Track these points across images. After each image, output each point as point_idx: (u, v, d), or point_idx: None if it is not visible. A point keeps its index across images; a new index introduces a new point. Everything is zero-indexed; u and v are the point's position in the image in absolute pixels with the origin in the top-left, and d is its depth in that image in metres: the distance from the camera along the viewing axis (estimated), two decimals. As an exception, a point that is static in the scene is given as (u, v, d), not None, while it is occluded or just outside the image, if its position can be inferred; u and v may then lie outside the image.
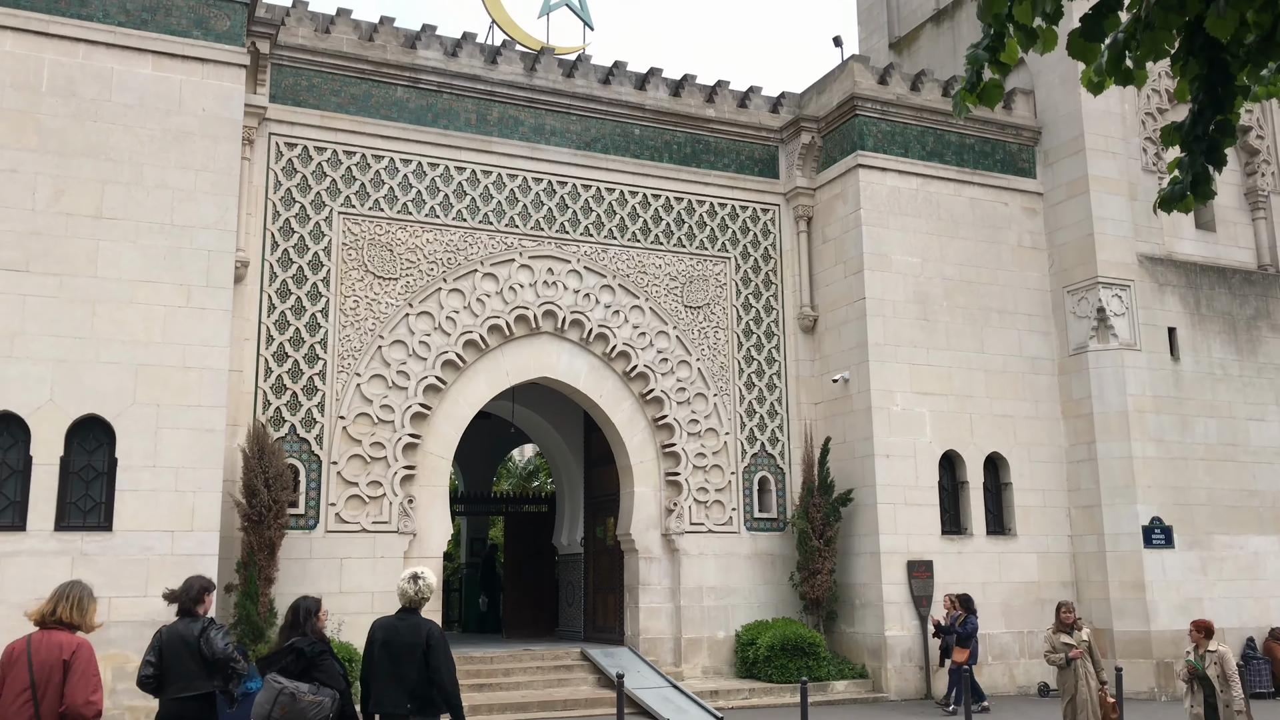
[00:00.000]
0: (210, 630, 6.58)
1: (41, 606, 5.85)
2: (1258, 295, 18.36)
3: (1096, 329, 17.13)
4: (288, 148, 14.97)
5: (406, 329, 15.15)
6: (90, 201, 12.57)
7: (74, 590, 5.93)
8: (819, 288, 17.73)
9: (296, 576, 13.84)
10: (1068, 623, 10.37)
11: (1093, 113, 17.73)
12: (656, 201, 17.15)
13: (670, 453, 16.54)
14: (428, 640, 6.49)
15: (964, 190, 17.77)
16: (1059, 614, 10.52)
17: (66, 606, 5.81)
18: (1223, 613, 16.61)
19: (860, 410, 16.50)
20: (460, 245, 15.70)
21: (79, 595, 5.91)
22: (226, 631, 6.80)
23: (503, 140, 16.22)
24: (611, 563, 17.71)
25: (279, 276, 14.59)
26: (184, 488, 12.40)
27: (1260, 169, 19.00)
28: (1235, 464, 17.44)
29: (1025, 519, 17.04)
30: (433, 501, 15.08)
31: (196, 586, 6.88)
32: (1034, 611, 16.76)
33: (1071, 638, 10.20)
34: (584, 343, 16.33)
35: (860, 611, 16.26)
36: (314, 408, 14.47)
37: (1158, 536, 16.47)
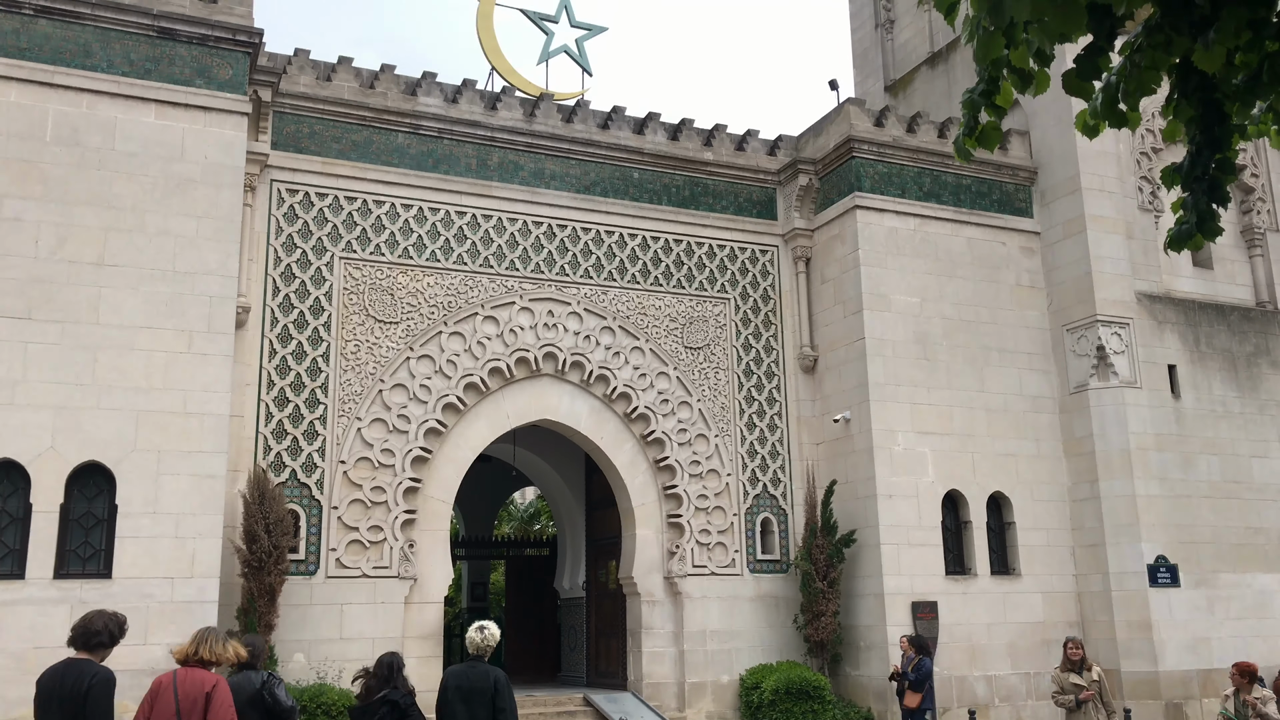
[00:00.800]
0: (272, 683, 7.33)
1: (185, 647, 6.65)
2: (1257, 332, 18.40)
3: (1097, 367, 17.15)
4: (289, 194, 15.08)
5: (407, 372, 15.17)
6: (93, 249, 12.64)
7: (210, 633, 6.76)
8: (819, 328, 17.77)
9: (297, 623, 13.75)
10: (1076, 660, 9.86)
11: (1088, 152, 17.88)
12: (656, 244, 17.24)
13: (672, 494, 16.49)
14: (495, 684, 7.52)
15: (961, 230, 17.88)
16: (1066, 651, 9.97)
17: (206, 647, 6.58)
18: (1230, 652, 16.43)
19: (862, 450, 16.47)
20: (461, 289, 15.76)
21: (215, 637, 6.72)
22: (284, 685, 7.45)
23: (503, 185, 16.35)
24: (614, 606, 17.58)
25: (280, 321, 14.63)
26: (184, 534, 12.34)
27: (1255, 207, 19.13)
28: (1239, 501, 17.37)
29: (1029, 558, 16.94)
30: (434, 546, 15.00)
31: (260, 644, 7.79)
32: (1040, 652, 16.61)
33: (1081, 677, 9.68)
34: (585, 384, 16.34)
35: (865, 654, 16.12)
36: (315, 452, 14.45)
37: (1163, 575, 16.37)
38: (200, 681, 6.37)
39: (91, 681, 6.16)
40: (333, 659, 13.77)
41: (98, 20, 13.21)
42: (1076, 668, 9.81)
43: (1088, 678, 9.71)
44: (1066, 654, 9.95)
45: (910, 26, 22.45)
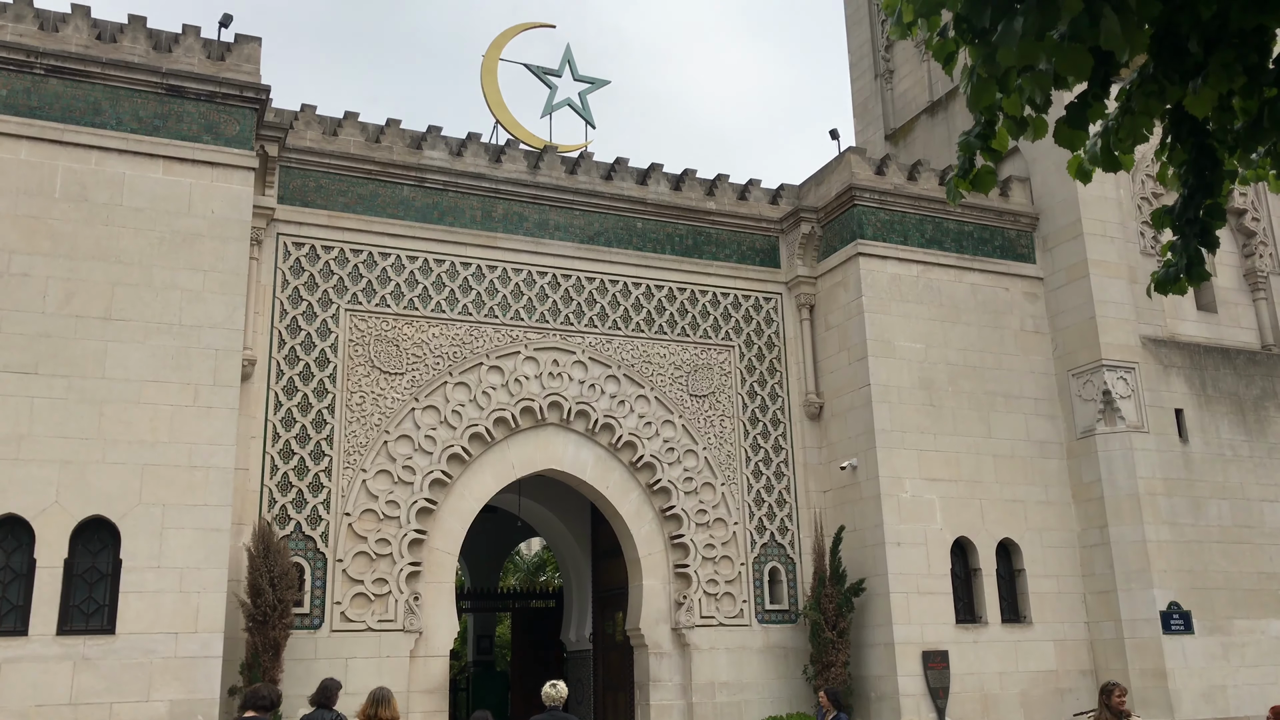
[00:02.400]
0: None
1: (364, 708, 8.71)
2: (1263, 375, 18.35)
3: (1103, 411, 17.09)
4: (295, 247, 15.19)
5: (412, 423, 15.17)
6: (100, 303, 12.72)
7: (383, 692, 8.84)
8: (824, 374, 17.77)
9: (301, 677, 13.59)
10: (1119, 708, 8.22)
11: (1089, 198, 17.98)
12: (660, 292, 17.31)
13: (679, 544, 16.38)
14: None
15: (964, 276, 17.93)
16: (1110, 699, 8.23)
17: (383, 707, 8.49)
18: (1247, 700, 16.22)
19: (869, 498, 16.37)
20: (466, 339, 15.81)
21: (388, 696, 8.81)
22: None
23: (507, 236, 16.46)
24: (621, 659, 17.38)
25: (286, 374, 14.67)
26: (188, 588, 12.27)
27: (1258, 250, 19.18)
28: (1251, 546, 17.21)
29: (1040, 606, 16.76)
30: (439, 598, 14.89)
31: (334, 687, 9.39)
32: (1052, 701, 16.37)
33: None
34: (590, 433, 16.31)
35: (876, 705, 15.89)
36: (319, 505, 14.41)
37: (1176, 622, 16.17)
38: None
39: None
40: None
41: (107, 79, 13.42)
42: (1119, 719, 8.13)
43: None
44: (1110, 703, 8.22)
45: (909, 76, 22.71)
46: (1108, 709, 8.25)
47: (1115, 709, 8.23)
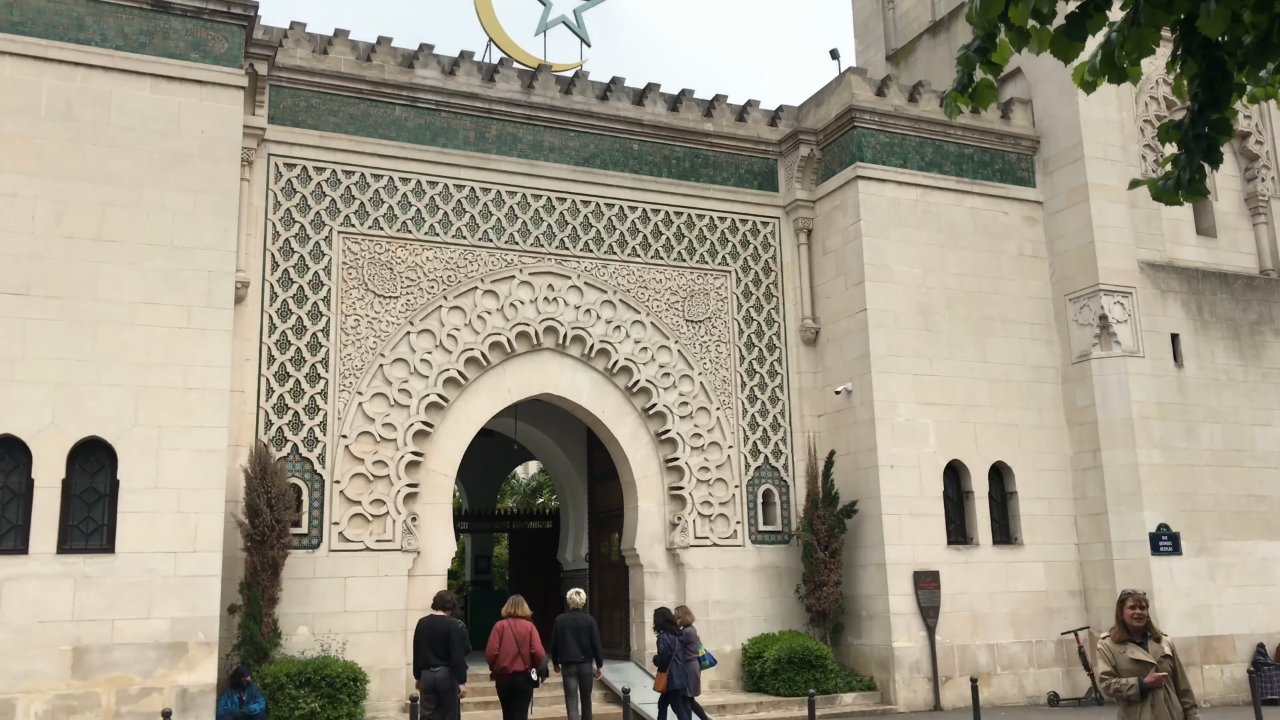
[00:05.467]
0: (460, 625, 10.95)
1: (506, 608, 11.47)
2: (1260, 300, 18.32)
3: (1099, 337, 17.09)
4: (287, 168, 15.00)
5: (408, 347, 15.15)
6: (90, 224, 12.59)
7: (517, 598, 11.62)
8: (820, 300, 17.71)
9: (300, 596, 13.80)
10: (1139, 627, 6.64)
11: (1091, 121, 17.75)
12: (656, 216, 17.16)
13: (674, 467, 16.50)
14: (590, 625, 12.23)
15: (964, 200, 17.78)
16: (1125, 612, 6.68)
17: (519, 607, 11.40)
18: (1231, 619, 16.52)
19: (864, 422, 16.45)
20: (460, 263, 15.71)
21: (521, 600, 11.58)
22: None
23: (501, 157, 16.26)
24: (616, 578, 17.63)
25: (279, 296, 14.60)
26: (186, 509, 12.36)
27: (1260, 174, 18.99)
28: (1242, 469, 17.35)
29: (1031, 528, 16.96)
30: (436, 519, 15.03)
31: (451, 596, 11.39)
32: (1042, 621, 16.66)
33: (1147, 651, 6.56)
34: (585, 358, 16.31)
35: (867, 623, 16.17)
36: (316, 427, 14.45)
37: (1165, 544, 16.38)
38: (525, 626, 11.20)
39: (450, 626, 10.68)
40: (336, 631, 13.83)
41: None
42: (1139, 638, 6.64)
43: (1156, 651, 6.56)
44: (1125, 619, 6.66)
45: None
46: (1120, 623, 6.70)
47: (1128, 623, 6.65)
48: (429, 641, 10.57)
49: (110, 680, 11.74)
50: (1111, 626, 6.84)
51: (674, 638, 12.47)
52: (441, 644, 10.51)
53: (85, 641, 11.68)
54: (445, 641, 10.52)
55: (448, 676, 10.48)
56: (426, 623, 10.81)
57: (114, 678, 11.73)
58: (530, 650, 11.03)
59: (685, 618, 13.21)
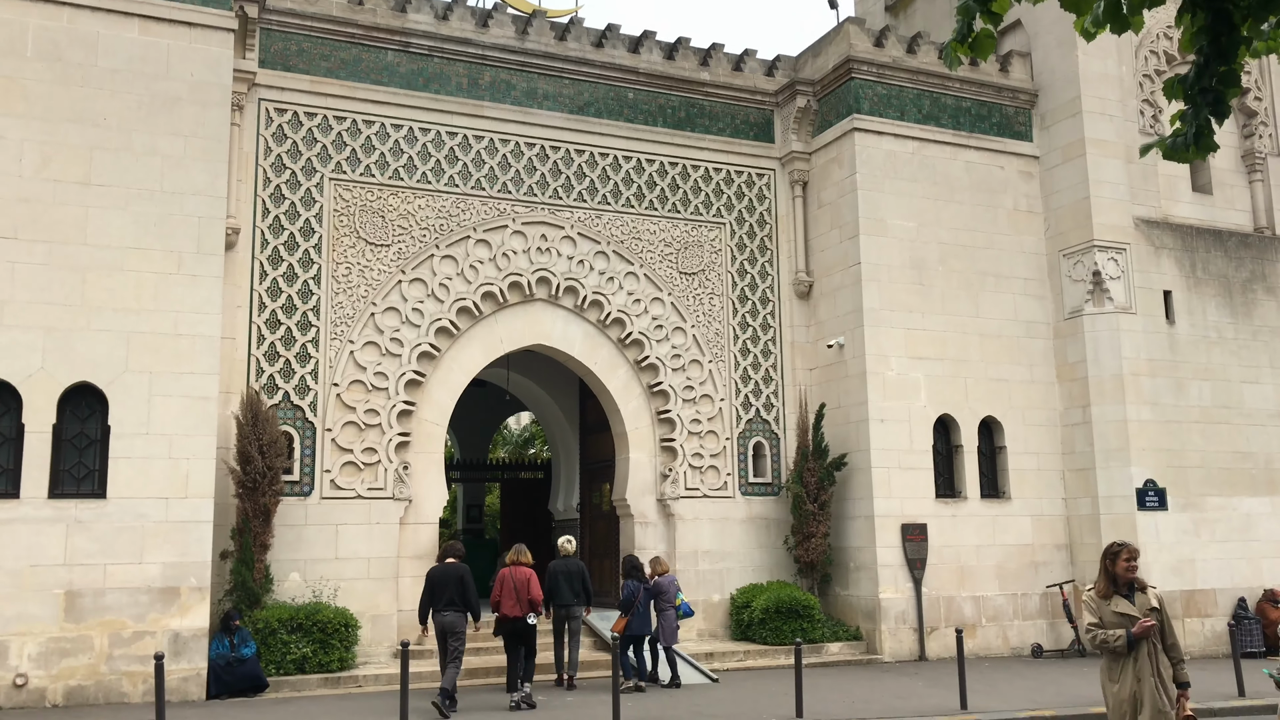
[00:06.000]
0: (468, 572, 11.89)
1: (509, 555, 12.33)
2: (1253, 258, 18.31)
3: (1092, 292, 17.10)
4: (278, 113, 14.83)
5: (399, 296, 15.09)
6: (78, 168, 12.46)
7: (520, 547, 12.47)
8: (814, 253, 17.66)
9: (292, 543, 13.88)
10: (1127, 579, 6.43)
11: (1090, 75, 17.60)
12: (651, 166, 17.03)
13: (665, 419, 16.54)
14: (582, 570, 13.02)
15: (960, 154, 17.67)
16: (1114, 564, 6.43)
17: (521, 554, 12.25)
18: (1214, 573, 16.72)
19: (855, 375, 16.49)
20: (453, 211, 15.60)
21: (524, 549, 12.43)
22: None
23: (494, 105, 16.09)
24: (607, 528, 17.76)
25: (270, 243, 14.50)
26: (178, 455, 12.38)
27: (1258, 131, 18.89)
28: (1229, 426, 17.47)
29: (1019, 482, 17.09)
30: (428, 468, 15.08)
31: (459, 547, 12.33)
32: (1027, 574, 16.86)
33: (1134, 604, 6.36)
34: (578, 310, 16.28)
35: (854, 574, 16.34)
36: (307, 375, 14.44)
37: (1151, 499, 16.53)
38: (524, 572, 12.04)
39: (463, 572, 11.65)
40: (328, 578, 13.93)
41: (76, -70, 12.83)
42: (1125, 590, 6.43)
43: (1143, 604, 6.37)
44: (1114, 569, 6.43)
45: (912, -57, 21.89)
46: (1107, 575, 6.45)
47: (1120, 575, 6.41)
48: (444, 587, 11.44)
49: (103, 624, 11.82)
50: (1096, 579, 6.61)
51: (639, 585, 12.91)
52: (457, 589, 11.45)
53: (77, 585, 11.74)
54: (461, 586, 11.49)
55: (462, 618, 11.47)
56: (440, 570, 11.70)
57: (106, 621, 11.82)
58: (529, 596, 11.84)
59: (659, 567, 13.51)
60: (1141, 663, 6.24)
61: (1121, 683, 6.31)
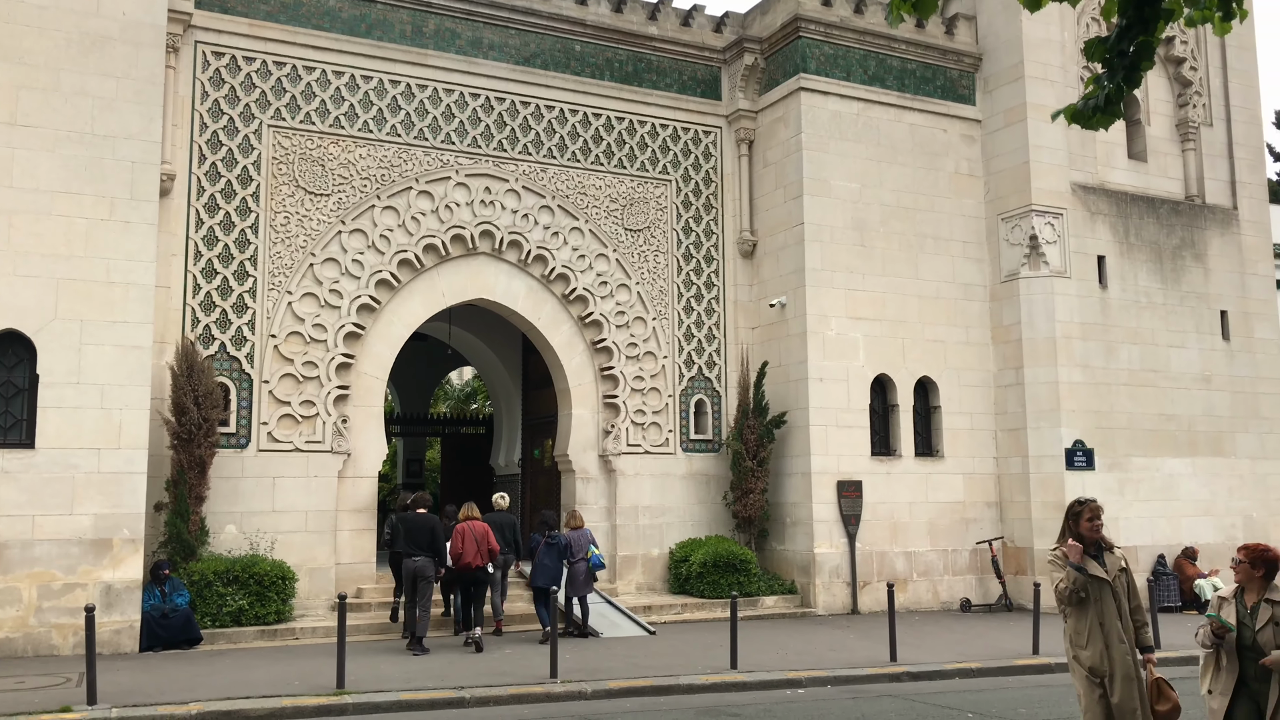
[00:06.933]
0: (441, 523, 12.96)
1: (463, 512, 12.80)
2: (1184, 225, 18.76)
3: (1029, 256, 17.40)
4: (215, 57, 14.44)
5: (339, 246, 14.88)
6: (3, 107, 12.04)
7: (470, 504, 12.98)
8: (759, 212, 17.72)
9: (228, 495, 13.74)
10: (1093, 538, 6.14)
11: (1033, 40, 17.78)
12: (597, 121, 16.91)
13: (609, 375, 16.59)
14: (512, 523, 13.87)
15: (904, 116, 17.79)
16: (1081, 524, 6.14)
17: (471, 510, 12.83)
18: (1138, 531, 17.28)
19: (796, 335, 16.66)
20: (395, 161, 15.37)
21: (473, 505, 12.97)
22: None
23: (439, 53, 15.82)
24: (549, 483, 17.83)
25: (207, 190, 14.19)
26: (110, 405, 12.15)
27: (1192, 101, 19.26)
28: (1155, 389, 17.98)
29: (953, 441, 17.45)
30: (367, 422, 14.98)
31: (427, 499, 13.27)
32: (958, 531, 17.29)
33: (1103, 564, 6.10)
34: (522, 264, 16.19)
35: (791, 530, 16.63)
36: (244, 326, 14.22)
37: (1079, 459, 17.00)
38: (481, 526, 12.66)
39: (433, 522, 12.59)
40: (265, 531, 13.84)
41: None
42: (1093, 550, 6.11)
43: (1113, 564, 6.11)
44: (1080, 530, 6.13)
45: (862, -98, 21.81)
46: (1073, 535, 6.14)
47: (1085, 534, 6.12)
48: (413, 534, 12.35)
49: (31, 575, 11.64)
50: (1060, 539, 6.27)
51: (539, 537, 13.48)
52: (425, 537, 12.38)
53: (4, 536, 11.53)
54: (430, 535, 12.41)
55: (429, 564, 12.28)
56: (412, 517, 12.52)
57: (35, 573, 11.63)
58: (488, 547, 12.61)
59: (573, 521, 13.98)
60: (1109, 625, 5.97)
61: (1090, 647, 6.00)
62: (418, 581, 12.23)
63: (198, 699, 9.36)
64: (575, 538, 13.60)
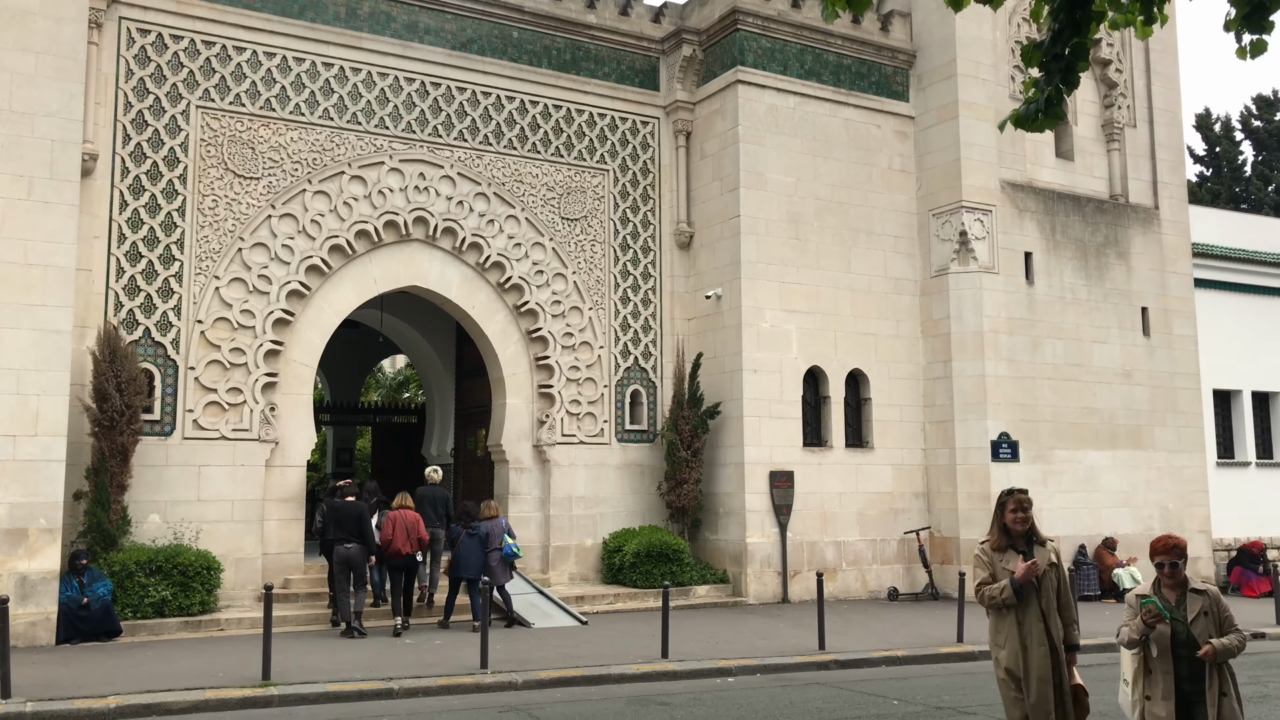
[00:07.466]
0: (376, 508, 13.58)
1: (396, 501, 13.25)
2: (1108, 223, 19.25)
3: (958, 252, 17.72)
4: (140, 34, 14.05)
5: (269, 231, 14.60)
6: (-85, 81, 11.60)
7: (404, 494, 13.49)
8: (696, 204, 17.78)
9: (152, 484, 13.43)
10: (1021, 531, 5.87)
11: (966, 38, 18.07)
12: (534, 108, 16.81)
13: (544, 365, 16.53)
14: (445, 497, 14.40)
15: (839, 111, 17.97)
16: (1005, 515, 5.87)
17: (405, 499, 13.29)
18: (1059, 522, 17.72)
19: (731, 326, 16.76)
20: (327, 145, 15.12)
21: (408, 495, 13.53)
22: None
23: (374, 37, 15.59)
24: (482, 473, 17.73)
25: (131, 172, 13.82)
26: (27, 390, 11.79)
27: (1118, 102, 19.75)
28: (1079, 383, 18.44)
29: (883, 433, 17.72)
30: (296, 410, 14.74)
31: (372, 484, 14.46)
32: (887, 520, 17.57)
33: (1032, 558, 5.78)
34: (457, 252, 16.05)
35: (724, 520, 16.75)
36: (170, 311, 13.89)
37: (1004, 451, 17.37)
38: (413, 516, 13.12)
39: (361, 510, 12.79)
40: (190, 520, 13.56)
41: None
42: (1022, 544, 5.87)
43: (1043, 558, 5.82)
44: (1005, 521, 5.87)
45: (801, -103, 21.96)
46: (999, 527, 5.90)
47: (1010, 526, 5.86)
48: (343, 522, 12.62)
49: (-56, 566, 11.26)
50: (990, 531, 6.01)
51: (460, 528, 13.61)
52: (355, 525, 12.61)
53: (-84, 526, 11.13)
54: (359, 523, 12.64)
55: (360, 552, 12.55)
56: (343, 505, 12.79)
57: (-52, 563, 11.26)
58: (417, 536, 13.03)
59: (488, 511, 14.00)
60: (1028, 625, 5.71)
61: (1007, 647, 5.77)
62: (352, 570, 12.54)
63: (117, 692, 9.16)
64: (490, 527, 13.62)
